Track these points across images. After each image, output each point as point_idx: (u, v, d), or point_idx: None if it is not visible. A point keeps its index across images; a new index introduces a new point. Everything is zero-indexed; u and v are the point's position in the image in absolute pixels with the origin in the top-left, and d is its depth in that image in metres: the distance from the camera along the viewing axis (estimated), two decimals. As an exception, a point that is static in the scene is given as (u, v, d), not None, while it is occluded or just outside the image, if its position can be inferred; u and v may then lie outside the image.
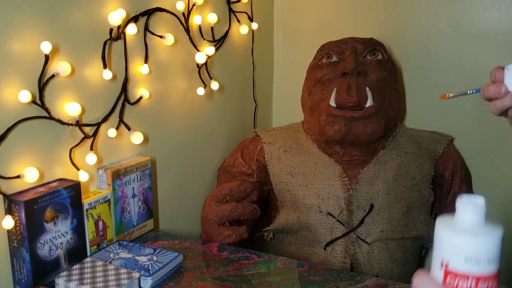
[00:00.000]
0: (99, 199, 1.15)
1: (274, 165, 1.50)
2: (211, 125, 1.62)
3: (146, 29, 1.29)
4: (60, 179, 1.10)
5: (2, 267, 1.00)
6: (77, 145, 1.12)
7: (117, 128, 1.22)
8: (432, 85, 1.66)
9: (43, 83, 1.03)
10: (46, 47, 1.00)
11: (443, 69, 1.63)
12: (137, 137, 1.25)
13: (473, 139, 1.62)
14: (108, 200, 1.18)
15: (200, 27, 1.47)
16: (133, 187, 1.26)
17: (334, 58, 1.47)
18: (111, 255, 1.12)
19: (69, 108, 1.08)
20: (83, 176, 1.12)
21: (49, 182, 1.07)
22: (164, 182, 1.43)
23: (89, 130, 1.16)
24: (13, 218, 0.96)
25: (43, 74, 1.02)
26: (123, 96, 1.24)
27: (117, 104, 1.23)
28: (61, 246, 1.05)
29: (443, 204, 1.55)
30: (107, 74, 1.16)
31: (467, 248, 0.42)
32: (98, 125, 1.18)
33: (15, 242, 0.98)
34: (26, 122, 1.01)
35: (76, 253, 1.09)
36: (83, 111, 1.14)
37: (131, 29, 1.23)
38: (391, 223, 1.39)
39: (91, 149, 1.15)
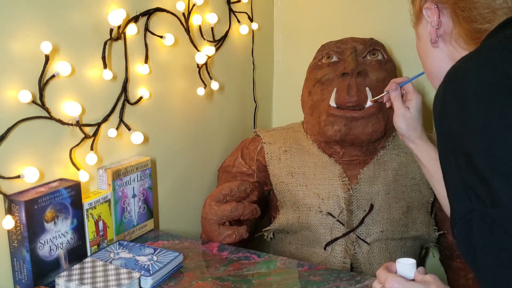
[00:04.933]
0: (99, 199, 1.15)
1: (274, 165, 1.50)
2: (211, 125, 1.62)
3: (146, 29, 1.29)
4: (60, 179, 1.10)
5: (2, 267, 1.00)
6: (77, 145, 1.12)
7: (117, 128, 1.22)
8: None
9: (43, 83, 1.03)
10: (46, 47, 1.00)
11: (443, 69, 1.63)
12: (137, 137, 1.25)
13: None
14: (108, 200, 1.18)
15: (200, 27, 1.47)
16: (133, 187, 1.26)
17: (334, 58, 1.47)
18: (111, 255, 1.12)
19: (69, 108, 1.09)
20: (83, 176, 1.12)
21: (49, 182, 1.07)
22: (164, 182, 1.43)
23: (89, 130, 1.16)
24: (14, 218, 0.97)
25: (43, 74, 1.02)
26: (123, 96, 1.24)
27: (117, 104, 1.23)
28: (61, 246, 1.05)
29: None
30: (107, 74, 1.16)
31: None
32: (98, 125, 1.18)
33: (15, 242, 0.98)
34: (26, 122, 1.01)
35: (76, 253, 1.09)
36: (83, 111, 1.14)
37: (131, 29, 1.23)
38: (391, 223, 1.39)
39: (91, 149, 1.15)
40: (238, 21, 1.66)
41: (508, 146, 0.53)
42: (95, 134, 1.17)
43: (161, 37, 1.32)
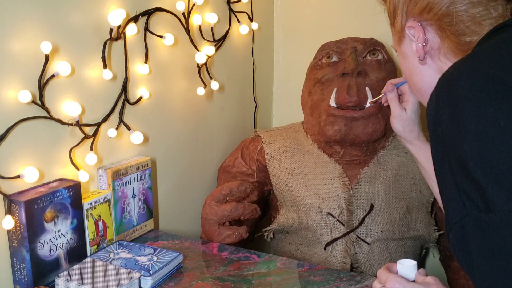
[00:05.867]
0: (99, 199, 1.15)
1: (274, 165, 1.50)
2: (211, 125, 1.62)
3: (146, 29, 1.29)
4: (60, 179, 1.10)
5: (2, 267, 1.00)
6: (77, 145, 1.12)
7: (117, 128, 1.22)
8: (432, 85, 1.66)
9: (43, 83, 1.03)
10: (46, 47, 1.00)
11: (443, 69, 1.63)
12: (137, 137, 1.25)
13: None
14: (108, 200, 1.18)
15: (200, 27, 1.47)
16: (133, 187, 1.26)
17: (334, 58, 1.47)
18: (111, 255, 1.12)
19: (69, 108, 1.08)
20: (83, 176, 1.12)
21: (49, 182, 1.07)
22: (164, 182, 1.43)
23: (89, 130, 1.16)
24: (13, 218, 0.96)
25: (43, 74, 1.02)
26: (123, 96, 1.24)
27: (117, 104, 1.23)
28: (61, 246, 1.05)
29: (443, 204, 1.55)
30: (107, 74, 1.16)
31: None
32: (98, 125, 1.18)
33: (15, 242, 0.98)
34: (26, 122, 1.01)
35: (76, 253, 1.09)
36: (83, 111, 1.14)
37: (131, 29, 1.23)
38: (391, 223, 1.39)
39: (91, 149, 1.15)
40: (238, 21, 1.66)
41: (501, 151, 0.53)
42: (95, 134, 1.17)
43: (161, 37, 1.32)
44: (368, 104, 1.36)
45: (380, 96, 1.12)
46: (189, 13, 1.41)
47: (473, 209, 0.55)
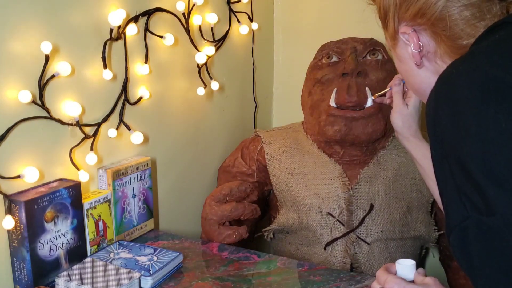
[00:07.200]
0: (99, 199, 1.15)
1: (274, 165, 1.50)
2: (211, 125, 1.62)
3: (146, 29, 1.29)
4: (60, 179, 1.10)
5: (3, 267, 1.00)
6: (77, 145, 1.12)
7: (117, 128, 1.22)
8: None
9: (43, 83, 1.03)
10: (46, 47, 1.00)
11: (443, 69, 1.63)
12: (137, 137, 1.25)
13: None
14: (109, 200, 1.18)
15: (200, 27, 1.47)
16: (133, 187, 1.26)
17: (334, 58, 1.47)
18: (112, 255, 1.12)
19: (69, 108, 1.09)
20: (83, 176, 1.12)
21: (49, 182, 1.07)
22: (164, 182, 1.43)
23: (89, 130, 1.16)
24: (14, 218, 0.97)
25: (43, 74, 1.02)
26: (123, 96, 1.24)
27: (117, 104, 1.23)
28: (61, 246, 1.05)
29: (443, 204, 1.55)
30: (107, 74, 1.16)
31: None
32: (98, 125, 1.18)
33: (15, 242, 0.98)
34: (26, 122, 1.01)
35: (76, 253, 1.09)
36: (83, 111, 1.14)
37: (131, 29, 1.23)
38: (391, 223, 1.39)
39: (91, 149, 1.16)
40: (238, 21, 1.66)
41: (502, 153, 0.52)
42: (95, 134, 1.17)
43: (161, 37, 1.32)
44: (369, 103, 1.36)
45: (386, 90, 1.12)
46: (189, 13, 1.41)
47: (474, 212, 0.55)
